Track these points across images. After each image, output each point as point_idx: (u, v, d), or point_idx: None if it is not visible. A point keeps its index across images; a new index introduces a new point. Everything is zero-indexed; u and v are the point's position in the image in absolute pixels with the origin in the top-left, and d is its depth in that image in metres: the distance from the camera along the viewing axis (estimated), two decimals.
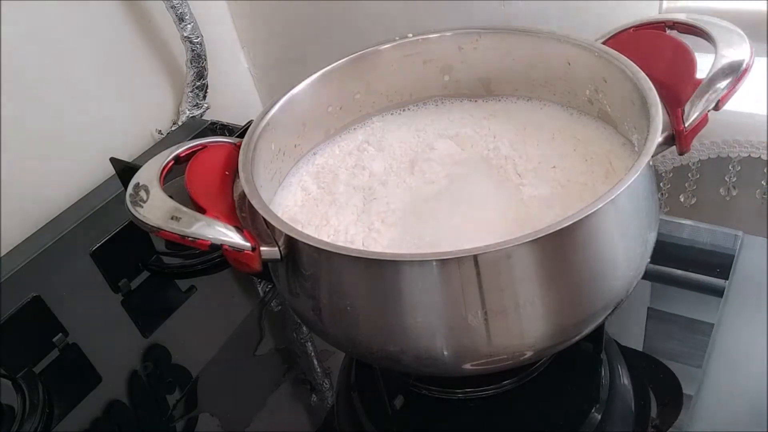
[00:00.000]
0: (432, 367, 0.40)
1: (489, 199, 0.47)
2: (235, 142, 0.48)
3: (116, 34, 0.79)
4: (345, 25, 0.83)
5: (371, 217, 0.47)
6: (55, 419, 0.53)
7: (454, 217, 0.45)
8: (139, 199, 0.41)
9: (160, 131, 0.86)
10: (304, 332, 0.57)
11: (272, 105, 0.49)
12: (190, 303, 0.63)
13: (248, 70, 0.97)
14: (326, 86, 0.53)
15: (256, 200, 0.41)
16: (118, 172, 0.73)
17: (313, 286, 0.41)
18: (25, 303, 0.57)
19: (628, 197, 0.38)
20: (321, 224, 0.47)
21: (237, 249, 0.39)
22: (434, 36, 0.54)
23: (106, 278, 0.64)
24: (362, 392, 0.51)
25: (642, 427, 0.45)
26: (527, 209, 0.45)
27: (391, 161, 0.52)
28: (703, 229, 0.58)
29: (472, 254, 0.34)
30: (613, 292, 0.41)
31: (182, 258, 0.66)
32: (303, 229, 0.46)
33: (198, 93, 0.86)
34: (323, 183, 0.51)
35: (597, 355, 0.50)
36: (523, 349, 0.39)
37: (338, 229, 0.46)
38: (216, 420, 0.52)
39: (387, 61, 0.54)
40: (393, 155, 0.53)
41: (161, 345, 0.59)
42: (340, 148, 0.55)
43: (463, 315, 0.36)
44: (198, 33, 0.80)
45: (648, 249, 0.42)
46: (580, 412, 0.47)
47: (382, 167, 0.52)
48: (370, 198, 0.49)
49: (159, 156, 0.45)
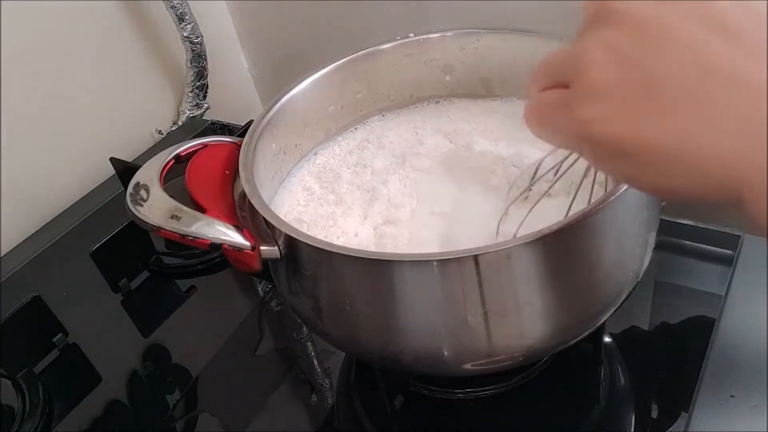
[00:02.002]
0: (432, 367, 0.40)
1: (482, 200, 0.47)
2: (235, 142, 0.48)
3: (116, 34, 0.79)
4: (345, 25, 0.83)
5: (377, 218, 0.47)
6: (55, 419, 0.53)
7: (456, 221, 0.46)
8: (140, 198, 0.41)
9: (160, 131, 0.86)
10: (304, 332, 0.57)
11: (273, 105, 0.49)
12: (190, 303, 0.63)
13: (248, 70, 0.97)
14: (327, 86, 0.53)
15: (256, 200, 0.41)
16: (118, 172, 0.73)
17: (313, 286, 0.41)
18: (25, 303, 0.57)
19: (629, 197, 0.38)
20: (328, 225, 0.47)
21: (237, 248, 0.39)
22: (435, 36, 0.54)
23: (106, 278, 0.64)
24: (362, 392, 0.51)
25: (642, 427, 0.45)
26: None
27: (391, 158, 0.53)
28: (703, 230, 0.58)
29: (472, 254, 0.34)
30: (613, 293, 0.41)
31: (182, 258, 0.66)
32: (309, 230, 0.46)
33: (198, 93, 0.85)
34: (325, 182, 0.52)
35: (597, 355, 0.50)
36: (523, 349, 0.39)
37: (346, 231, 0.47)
38: (216, 420, 0.52)
39: (388, 60, 0.54)
40: (393, 152, 0.53)
41: (161, 345, 0.59)
42: (341, 147, 0.55)
43: (463, 315, 0.36)
44: (198, 33, 0.80)
45: (648, 249, 0.42)
46: (580, 412, 0.47)
47: (383, 165, 0.52)
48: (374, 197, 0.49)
49: (159, 155, 0.45)
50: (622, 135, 0.24)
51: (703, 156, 0.22)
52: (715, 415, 0.44)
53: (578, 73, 0.25)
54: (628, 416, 0.47)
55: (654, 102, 0.23)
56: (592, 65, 0.24)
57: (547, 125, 0.28)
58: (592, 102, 0.24)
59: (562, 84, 0.26)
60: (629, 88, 0.24)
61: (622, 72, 0.24)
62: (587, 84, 0.25)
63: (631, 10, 0.24)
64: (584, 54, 0.25)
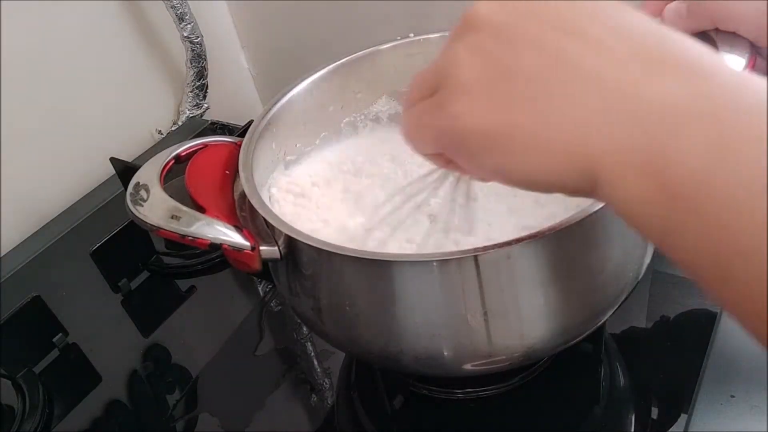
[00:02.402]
0: (432, 367, 0.40)
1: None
2: (235, 142, 0.48)
3: (116, 34, 0.79)
4: (345, 25, 0.83)
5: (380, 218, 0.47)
6: (55, 419, 0.53)
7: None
8: (140, 198, 0.41)
9: (160, 131, 0.86)
10: (304, 332, 0.57)
11: (273, 105, 0.49)
12: (190, 303, 0.63)
13: (248, 70, 0.97)
14: (327, 86, 0.53)
15: (255, 200, 0.41)
16: (118, 172, 0.73)
17: (313, 286, 0.41)
18: (25, 303, 0.57)
19: None
20: (329, 225, 0.47)
21: (237, 248, 0.39)
22: (435, 36, 0.54)
23: (106, 278, 0.64)
24: (362, 392, 0.51)
25: (642, 427, 0.45)
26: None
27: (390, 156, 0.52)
28: None
29: (472, 254, 0.34)
30: (613, 293, 0.41)
31: (182, 258, 0.66)
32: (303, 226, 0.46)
33: (198, 93, 0.86)
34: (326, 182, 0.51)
35: (597, 355, 0.50)
36: (523, 349, 0.39)
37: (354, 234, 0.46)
38: (216, 420, 0.52)
39: (388, 60, 0.54)
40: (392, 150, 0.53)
41: (161, 345, 0.59)
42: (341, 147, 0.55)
43: (463, 315, 0.36)
44: (198, 33, 0.80)
45: (648, 249, 0.42)
46: (580, 412, 0.47)
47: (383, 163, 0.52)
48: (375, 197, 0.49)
49: (159, 155, 0.45)
50: (490, 123, 0.26)
51: (562, 139, 0.24)
52: (715, 415, 0.44)
53: (446, 76, 0.28)
54: (627, 416, 0.47)
55: (515, 92, 0.26)
56: (459, 65, 0.27)
57: (422, 131, 0.30)
58: (460, 98, 0.27)
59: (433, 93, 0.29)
60: (493, 81, 0.26)
61: (486, 68, 0.26)
62: (455, 82, 0.27)
63: (491, 16, 0.27)
64: (451, 58, 0.28)
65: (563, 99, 0.24)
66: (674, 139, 0.22)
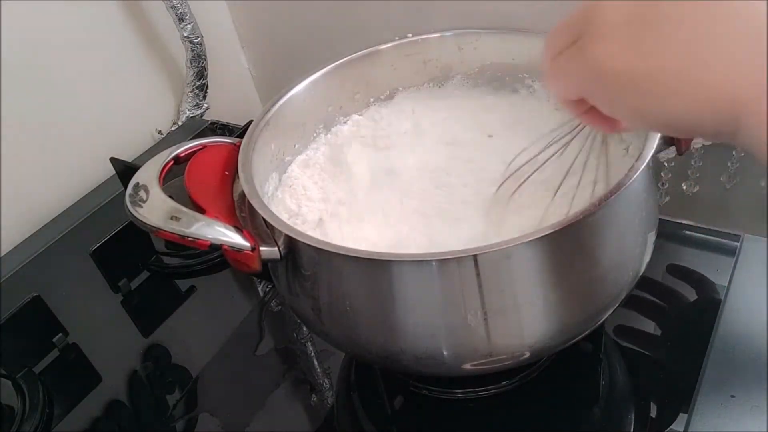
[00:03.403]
0: (432, 367, 0.40)
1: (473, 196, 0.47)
2: (234, 142, 0.48)
3: (116, 34, 0.79)
4: (345, 25, 0.83)
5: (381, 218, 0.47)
6: (55, 419, 0.53)
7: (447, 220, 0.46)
8: (139, 199, 0.41)
9: (160, 131, 0.86)
10: (304, 332, 0.57)
11: (272, 105, 0.49)
12: (190, 303, 0.63)
13: (248, 70, 0.97)
14: (326, 86, 0.53)
15: (255, 200, 0.41)
16: (118, 172, 0.73)
17: (313, 286, 0.41)
18: (25, 303, 0.57)
19: (628, 198, 0.38)
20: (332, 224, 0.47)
21: (236, 249, 0.39)
22: (434, 36, 0.54)
23: (106, 278, 0.64)
24: (362, 392, 0.51)
25: (641, 427, 0.45)
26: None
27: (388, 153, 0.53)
28: (703, 229, 0.58)
29: (471, 254, 0.34)
30: (612, 293, 0.41)
31: (182, 258, 0.66)
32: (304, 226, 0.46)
33: (198, 93, 0.86)
34: (326, 182, 0.51)
35: (597, 355, 0.50)
36: (523, 349, 0.39)
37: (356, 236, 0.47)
38: (216, 420, 0.52)
39: (387, 60, 0.54)
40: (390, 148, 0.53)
41: (161, 345, 0.59)
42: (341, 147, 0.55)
43: (463, 315, 0.36)
44: (198, 33, 0.80)
45: (648, 249, 0.42)
46: (580, 412, 0.47)
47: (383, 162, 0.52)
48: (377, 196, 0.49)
49: (159, 156, 0.45)
50: (635, 66, 0.26)
51: (705, 80, 0.25)
52: (715, 415, 0.44)
53: (589, 21, 0.28)
54: (627, 416, 0.47)
55: (660, 33, 0.26)
56: (603, 9, 0.27)
57: (567, 78, 0.31)
58: (603, 41, 0.27)
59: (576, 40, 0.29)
60: (640, 23, 0.26)
61: (630, 10, 0.26)
62: (598, 26, 0.27)
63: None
64: (595, 4, 0.28)
65: (711, 39, 0.24)
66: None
